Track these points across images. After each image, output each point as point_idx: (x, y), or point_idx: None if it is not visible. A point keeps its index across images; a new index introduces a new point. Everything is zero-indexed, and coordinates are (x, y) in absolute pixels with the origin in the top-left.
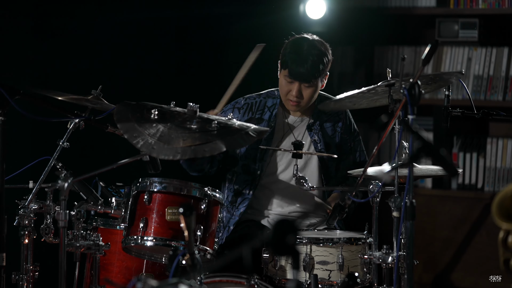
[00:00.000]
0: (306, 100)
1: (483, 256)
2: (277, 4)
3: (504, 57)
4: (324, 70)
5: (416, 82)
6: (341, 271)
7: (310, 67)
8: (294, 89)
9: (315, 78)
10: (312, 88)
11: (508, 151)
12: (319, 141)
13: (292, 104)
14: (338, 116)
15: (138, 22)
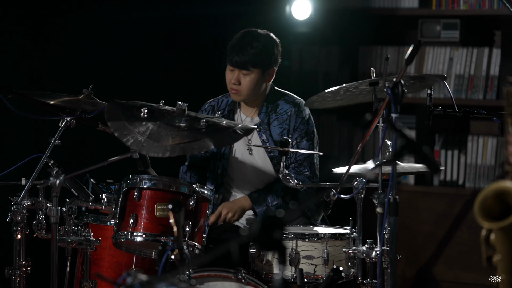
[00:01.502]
0: (244, 87)
1: (464, 250)
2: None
3: (485, 57)
4: (264, 62)
5: (399, 81)
6: (326, 266)
7: (248, 55)
8: (234, 76)
9: (253, 67)
10: (250, 76)
11: (488, 149)
12: (267, 141)
13: (232, 92)
14: (286, 113)
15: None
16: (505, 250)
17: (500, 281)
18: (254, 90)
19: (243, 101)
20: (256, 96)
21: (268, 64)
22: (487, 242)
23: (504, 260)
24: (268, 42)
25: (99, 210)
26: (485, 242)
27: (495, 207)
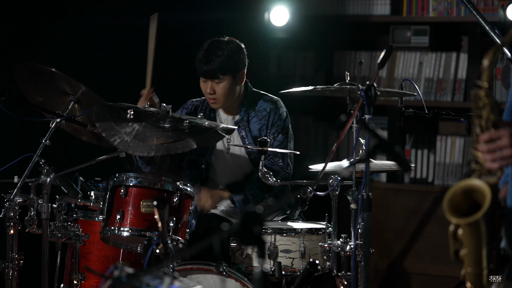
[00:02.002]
0: (220, 95)
1: (433, 244)
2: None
3: (453, 61)
4: (232, 67)
5: (372, 84)
6: (303, 259)
7: (215, 64)
8: (207, 87)
9: (223, 75)
10: (223, 83)
11: (456, 148)
12: (246, 137)
13: (211, 102)
14: (265, 110)
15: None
16: (472, 244)
17: (467, 274)
18: (229, 95)
19: (223, 107)
20: (233, 99)
21: (236, 68)
22: (455, 237)
23: (470, 254)
24: (232, 48)
25: (87, 207)
26: (453, 237)
27: (463, 204)
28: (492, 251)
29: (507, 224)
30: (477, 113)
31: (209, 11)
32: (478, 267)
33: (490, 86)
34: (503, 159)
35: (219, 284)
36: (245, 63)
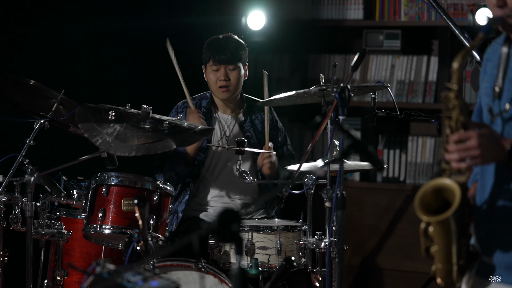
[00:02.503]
0: (234, 83)
1: (405, 241)
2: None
3: (424, 64)
4: (243, 56)
5: (346, 87)
6: (279, 256)
7: (231, 50)
8: (221, 74)
9: (238, 61)
10: (236, 71)
11: (427, 148)
12: (252, 137)
13: (222, 90)
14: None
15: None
16: (442, 241)
17: (437, 269)
18: (239, 86)
19: (231, 97)
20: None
21: (245, 59)
22: (426, 234)
23: (440, 251)
24: (239, 41)
25: (70, 205)
26: (424, 234)
27: (434, 202)
28: (461, 248)
29: (476, 222)
30: (447, 114)
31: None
32: (448, 263)
33: (459, 88)
34: (472, 159)
35: (198, 280)
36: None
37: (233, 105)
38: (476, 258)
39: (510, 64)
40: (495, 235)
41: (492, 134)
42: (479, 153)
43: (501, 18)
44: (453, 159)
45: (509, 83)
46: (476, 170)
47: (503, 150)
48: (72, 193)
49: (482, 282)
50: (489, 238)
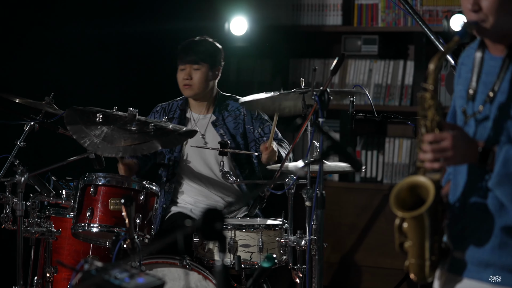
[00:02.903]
0: (196, 81)
1: (382, 239)
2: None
3: (400, 68)
4: (211, 58)
5: (325, 90)
6: (261, 253)
7: (197, 52)
8: (185, 73)
9: (202, 61)
10: (201, 71)
11: (403, 149)
12: (225, 134)
13: (185, 87)
14: (238, 110)
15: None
16: (416, 237)
17: (410, 264)
18: (204, 84)
19: (194, 95)
20: (204, 94)
21: (214, 62)
22: (400, 230)
23: (414, 246)
24: (213, 44)
25: (59, 204)
26: (398, 230)
27: (409, 199)
28: (434, 244)
29: (449, 219)
30: (423, 114)
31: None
32: (421, 259)
33: (435, 89)
34: (445, 160)
35: (183, 276)
36: (221, 62)
37: (206, 105)
38: (448, 254)
39: (484, 68)
40: (467, 232)
41: (465, 137)
42: (452, 155)
43: (476, 22)
44: (427, 159)
45: (483, 86)
46: (450, 170)
47: (474, 153)
48: (61, 193)
49: (454, 278)
50: (461, 235)
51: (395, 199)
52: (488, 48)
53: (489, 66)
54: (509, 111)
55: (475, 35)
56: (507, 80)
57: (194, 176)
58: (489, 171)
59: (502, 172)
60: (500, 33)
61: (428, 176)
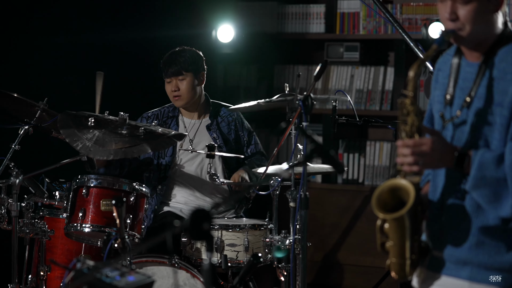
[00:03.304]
0: (184, 91)
1: (364, 238)
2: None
3: (381, 74)
4: (194, 66)
5: (309, 95)
6: (247, 252)
7: (179, 63)
8: (173, 85)
9: (186, 71)
10: (186, 80)
11: (384, 152)
12: (218, 138)
13: (176, 99)
14: (231, 116)
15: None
16: (396, 237)
17: (391, 263)
18: (192, 92)
19: (185, 105)
20: (194, 101)
21: (197, 68)
22: (382, 231)
23: (395, 246)
24: (192, 52)
25: (52, 205)
26: (380, 230)
27: (389, 201)
28: (414, 244)
29: (428, 220)
30: (403, 119)
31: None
32: (402, 258)
33: (414, 95)
34: (423, 164)
35: (172, 275)
36: (204, 67)
37: (197, 110)
38: (427, 253)
39: (461, 74)
40: (445, 232)
41: (443, 142)
42: (431, 159)
43: (453, 30)
44: (407, 162)
45: (460, 91)
46: (428, 171)
47: (451, 157)
48: (54, 194)
49: (432, 275)
50: (439, 235)
51: (377, 201)
52: (465, 55)
53: (465, 72)
54: (485, 116)
55: (452, 42)
56: (483, 85)
57: (186, 179)
58: (465, 175)
59: (477, 176)
60: (476, 40)
61: (408, 179)
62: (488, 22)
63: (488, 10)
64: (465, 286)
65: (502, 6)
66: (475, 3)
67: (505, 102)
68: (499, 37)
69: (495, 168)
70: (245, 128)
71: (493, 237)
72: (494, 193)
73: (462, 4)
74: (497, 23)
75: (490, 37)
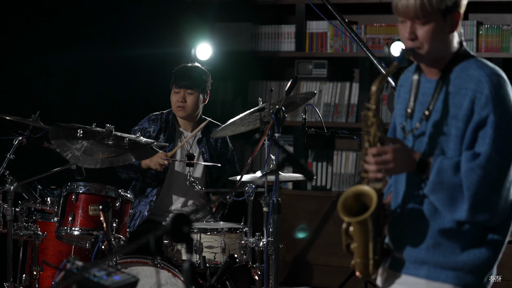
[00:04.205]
0: (189, 105)
1: (331, 240)
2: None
3: (347, 89)
4: (204, 84)
5: (281, 108)
6: (224, 253)
7: (191, 78)
8: (180, 96)
9: (196, 87)
10: (194, 95)
11: (350, 161)
12: (206, 152)
13: (179, 109)
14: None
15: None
16: (360, 239)
17: (356, 263)
18: (195, 107)
19: (186, 116)
20: (194, 115)
21: (205, 87)
22: (347, 233)
23: (359, 247)
24: (204, 71)
25: (45, 210)
26: (345, 233)
27: (354, 205)
28: (377, 245)
29: (389, 223)
30: (366, 130)
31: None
32: (365, 258)
33: (377, 108)
34: (387, 171)
35: (154, 274)
36: (209, 87)
37: (192, 124)
38: (388, 254)
39: (420, 89)
40: (405, 234)
41: (404, 148)
42: (393, 165)
43: (413, 49)
44: (371, 170)
45: (419, 105)
46: (391, 182)
47: (412, 163)
48: (46, 200)
49: (394, 274)
50: (400, 237)
51: (342, 205)
52: (424, 72)
53: (424, 88)
54: (442, 128)
55: (412, 60)
56: (440, 100)
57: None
58: (425, 180)
59: (436, 180)
60: (434, 58)
61: (371, 185)
62: (445, 42)
63: (444, 30)
64: (423, 284)
65: (457, 27)
66: (433, 24)
67: (460, 115)
68: (454, 55)
69: (452, 174)
70: (229, 148)
71: (449, 239)
72: (451, 197)
73: (421, 25)
74: (453, 42)
75: (446, 55)
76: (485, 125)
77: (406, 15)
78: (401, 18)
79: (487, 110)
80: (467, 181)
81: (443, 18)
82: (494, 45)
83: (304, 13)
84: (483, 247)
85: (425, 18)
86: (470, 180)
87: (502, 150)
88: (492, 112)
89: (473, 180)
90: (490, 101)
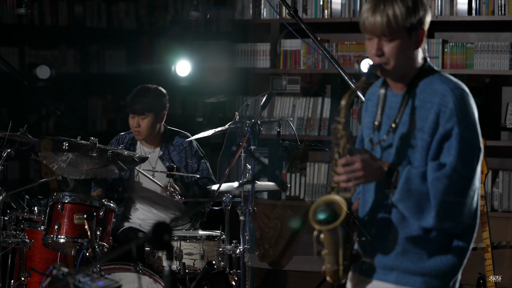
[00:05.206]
0: (144, 129)
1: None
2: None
3: (319, 104)
4: (156, 107)
5: (256, 122)
6: (203, 260)
7: (143, 104)
8: (134, 122)
9: (148, 112)
10: (147, 119)
11: (322, 172)
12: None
13: (136, 134)
14: (182, 145)
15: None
16: (331, 246)
17: (326, 269)
18: (151, 130)
19: (144, 139)
20: (152, 135)
21: (159, 109)
22: (318, 240)
23: (329, 254)
24: (157, 93)
25: (32, 219)
26: (316, 240)
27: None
28: (346, 251)
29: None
30: (336, 142)
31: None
32: (336, 264)
33: (346, 121)
34: (356, 179)
35: (136, 280)
36: (166, 106)
37: (154, 141)
38: (358, 259)
39: (387, 103)
40: (374, 241)
41: (373, 158)
42: (362, 174)
43: (379, 65)
44: (341, 180)
45: (386, 118)
46: (359, 189)
47: (381, 172)
48: (33, 209)
49: (364, 279)
50: (370, 244)
51: (313, 215)
52: (390, 86)
53: (391, 102)
54: (408, 140)
55: (379, 75)
56: (406, 113)
57: (144, 197)
58: (393, 188)
59: (404, 188)
60: (399, 73)
61: (341, 194)
62: (410, 57)
63: (410, 47)
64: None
65: (422, 43)
66: (398, 41)
67: (426, 128)
68: (419, 71)
69: (420, 183)
70: (195, 155)
71: (416, 246)
72: (418, 205)
73: (387, 42)
74: (417, 58)
75: (411, 70)
76: (450, 137)
77: (373, 33)
78: (369, 35)
79: (452, 123)
80: (434, 190)
81: (408, 35)
82: (459, 62)
83: (278, 32)
84: (449, 254)
85: (391, 35)
86: (436, 189)
87: (466, 161)
88: (456, 124)
89: (439, 189)
90: (455, 114)
